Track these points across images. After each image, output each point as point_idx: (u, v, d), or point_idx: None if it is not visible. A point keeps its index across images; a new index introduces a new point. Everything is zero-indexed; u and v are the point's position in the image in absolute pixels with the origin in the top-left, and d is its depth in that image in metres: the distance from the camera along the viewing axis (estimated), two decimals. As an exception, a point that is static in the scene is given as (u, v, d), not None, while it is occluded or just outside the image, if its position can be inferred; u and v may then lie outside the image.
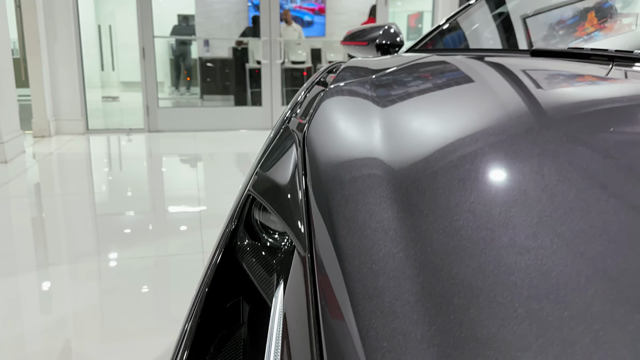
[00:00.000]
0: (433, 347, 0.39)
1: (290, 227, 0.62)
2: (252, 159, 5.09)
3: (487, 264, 0.45)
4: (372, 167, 0.66)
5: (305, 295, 0.52)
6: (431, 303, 0.42)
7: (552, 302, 0.41)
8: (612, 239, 0.46)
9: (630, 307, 0.38)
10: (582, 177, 0.57)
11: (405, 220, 0.53)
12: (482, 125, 0.70)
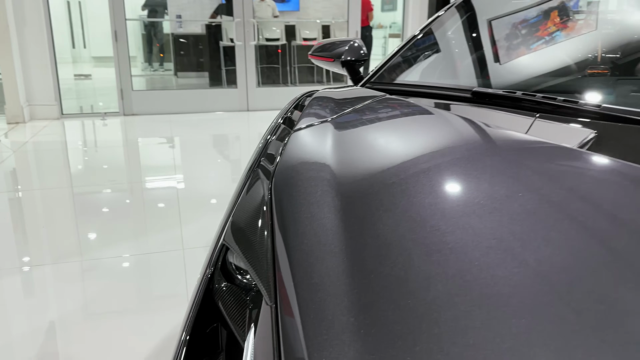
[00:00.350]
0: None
1: (259, 279, 0.75)
2: (230, 142, 5.17)
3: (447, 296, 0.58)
4: (329, 218, 0.78)
5: (271, 342, 0.65)
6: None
7: (473, 300, 0.55)
8: (532, 240, 0.61)
9: (549, 301, 0.53)
10: (499, 185, 0.72)
11: (363, 271, 0.66)
12: (420, 172, 0.83)
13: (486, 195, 0.73)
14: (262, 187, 0.92)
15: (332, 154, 0.93)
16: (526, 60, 1.47)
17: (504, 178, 0.78)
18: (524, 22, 1.67)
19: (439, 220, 0.71)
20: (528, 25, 1.85)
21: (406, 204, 0.76)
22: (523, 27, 1.79)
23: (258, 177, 0.97)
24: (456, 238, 0.66)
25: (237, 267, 0.85)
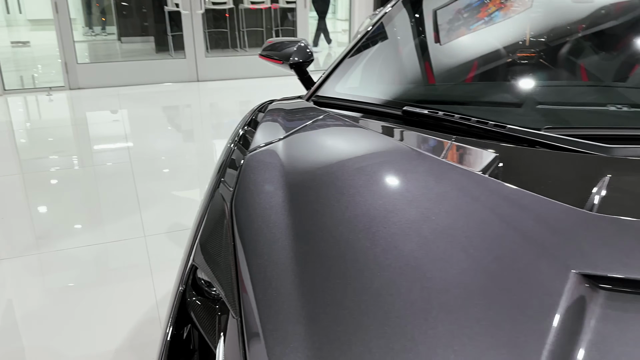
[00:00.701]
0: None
1: (225, 294, 0.90)
2: (181, 115, 5.17)
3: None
4: (284, 238, 0.94)
5: (238, 350, 0.81)
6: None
7: (412, 290, 0.74)
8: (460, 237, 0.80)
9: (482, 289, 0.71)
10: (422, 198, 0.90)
11: (317, 282, 0.82)
12: (358, 188, 0.99)
13: (413, 208, 0.91)
14: (224, 210, 1.06)
15: (283, 177, 1.08)
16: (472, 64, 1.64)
17: (424, 191, 0.95)
18: (473, 21, 1.83)
19: (379, 231, 0.88)
20: (480, 25, 2.00)
21: (351, 220, 0.92)
22: (472, 27, 1.95)
23: (219, 201, 1.10)
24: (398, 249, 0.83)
25: (206, 282, 1.00)
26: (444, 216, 0.89)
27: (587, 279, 0.74)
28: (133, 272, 2.21)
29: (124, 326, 1.84)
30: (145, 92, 5.72)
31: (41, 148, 4.01)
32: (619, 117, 1.28)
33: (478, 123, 1.18)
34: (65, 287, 2.10)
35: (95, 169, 3.57)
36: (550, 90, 1.46)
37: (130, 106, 5.22)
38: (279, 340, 0.76)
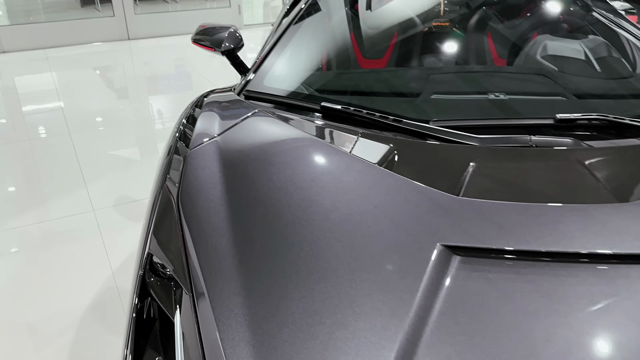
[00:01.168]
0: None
1: (177, 277, 1.13)
2: (115, 77, 5.13)
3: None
4: (224, 226, 1.16)
5: (192, 318, 1.05)
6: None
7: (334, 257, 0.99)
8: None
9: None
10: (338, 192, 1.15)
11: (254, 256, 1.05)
12: (285, 182, 1.22)
13: (325, 197, 1.15)
14: (171, 204, 1.27)
15: (220, 172, 1.29)
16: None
17: (334, 182, 1.20)
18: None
19: (302, 216, 1.12)
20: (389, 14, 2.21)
21: (279, 207, 1.16)
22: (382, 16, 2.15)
23: (166, 196, 1.30)
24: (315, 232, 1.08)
25: (161, 266, 1.21)
26: (347, 203, 1.15)
27: (448, 249, 1.02)
28: (86, 245, 2.37)
29: (86, 297, 2.04)
30: (75, 53, 5.58)
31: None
32: (504, 105, 1.55)
33: (381, 118, 1.42)
34: (20, 263, 2.25)
35: (32, 143, 3.59)
36: (443, 81, 1.72)
37: (61, 70, 5.11)
38: (225, 309, 1.00)
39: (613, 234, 1.04)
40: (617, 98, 1.62)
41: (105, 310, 1.98)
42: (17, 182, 3.00)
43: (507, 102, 1.56)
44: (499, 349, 0.86)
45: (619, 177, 1.21)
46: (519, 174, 1.24)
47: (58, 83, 4.82)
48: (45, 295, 2.06)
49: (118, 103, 4.48)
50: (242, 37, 2.07)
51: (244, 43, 2.11)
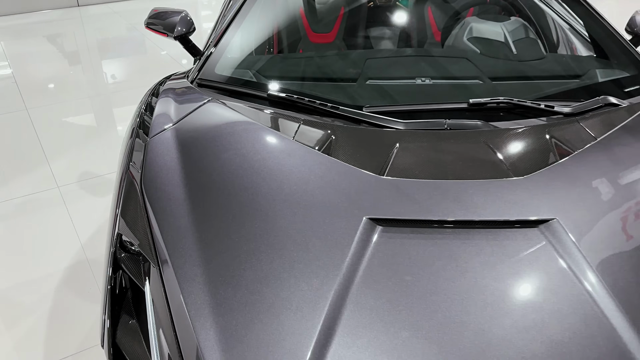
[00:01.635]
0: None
1: (145, 252, 1.32)
2: (68, 47, 5.08)
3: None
4: (183, 206, 1.35)
5: (160, 287, 1.24)
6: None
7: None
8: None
9: None
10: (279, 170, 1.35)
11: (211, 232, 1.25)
12: (233, 168, 1.41)
13: (272, 179, 1.34)
14: (135, 188, 1.43)
15: (178, 159, 1.46)
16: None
17: (278, 165, 1.39)
18: None
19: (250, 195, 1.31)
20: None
21: (230, 187, 1.35)
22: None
23: (130, 181, 1.47)
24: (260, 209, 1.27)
25: (130, 243, 1.39)
26: (289, 184, 1.35)
27: (373, 221, 1.23)
28: (53, 221, 2.51)
29: (58, 270, 2.20)
30: (23, 22, 5.46)
31: None
32: (428, 90, 1.76)
33: (321, 105, 1.61)
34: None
35: None
36: (378, 67, 1.91)
37: (10, 41, 5.02)
38: (187, 278, 1.20)
39: (507, 204, 1.28)
40: (528, 79, 1.85)
41: (78, 280, 2.15)
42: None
43: (431, 87, 1.77)
44: (413, 299, 1.09)
45: (517, 155, 1.45)
46: (434, 155, 1.46)
47: (8, 54, 4.75)
48: (20, 270, 2.21)
49: (73, 73, 4.48)
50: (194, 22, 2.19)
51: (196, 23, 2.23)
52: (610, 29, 1.94)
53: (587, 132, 1.50)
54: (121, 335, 1.30)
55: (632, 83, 1.77)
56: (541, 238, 1.21)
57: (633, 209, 1.29)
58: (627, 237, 1.23)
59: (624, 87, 1.75)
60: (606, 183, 1.35)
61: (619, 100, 1.65)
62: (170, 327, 1.16)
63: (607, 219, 1.26)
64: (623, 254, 1.20)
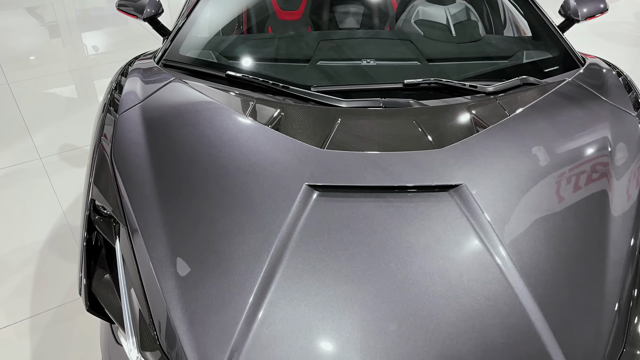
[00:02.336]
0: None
1: (115, 215, 1.53)
2: (45, 18, 5.17)
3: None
4: (150, 175, 1.55)
5: (128, 245, 1.46)
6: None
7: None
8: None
9: None
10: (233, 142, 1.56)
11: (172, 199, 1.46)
12: (208, 141, 1.61)
13: (227, 151, 1.55)
14: (106, 159, 1.63)
15: (144, 133, 1.66)
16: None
17: (233, 139, 1.60)
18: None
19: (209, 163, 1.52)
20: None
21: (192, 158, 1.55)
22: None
23: (102, 152, 1.66)
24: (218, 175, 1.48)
25: (102, 207, 1.60)
26: (240, 156, 1.55)
27: (311, 187, 1.45)
28: (37, 190, 2.70)
29: (41, 234, 2.40)
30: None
31: None
32: (371, 71, 1.95)
33: (273, 85, 1.80)
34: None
35: None
36: (329, 48, 2.09)
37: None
38: (152, 236, 1.41)
39: (426, 172, 1.50)
40: (462, 61, 2.05)
41: (60, 243, 2.36)
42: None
43: (374, 68, 1.96)
44: (340, 251, 1.32)
45: (439, 129, 1.66)
46: (369, 130, 1.67)
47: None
48: (5, 235, 2.41)
49: (53, 45, 4.58)
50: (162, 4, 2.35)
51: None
52: (540, 14, 2.13)
53: (503, 109, 1.72)
54: (96, 285, 1.51)
55: (552, 64, 1.98)
56: (450, 200, 1.44)
57: (532, 178, 1.52)
58: (525, 202, 1.47)
59: (545, 68, 1.96)
60: (512, 155, 1.57)
61: (537, 80, 1.86)
62: (137, 278, 1.38)
63: (508, 185, 1.49)
64: (520, 215, 1.43)
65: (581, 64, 1.98)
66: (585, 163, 1.57)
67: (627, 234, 1.43)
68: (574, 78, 1.87)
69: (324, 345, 1.23)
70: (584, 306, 1.31)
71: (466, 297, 1.27)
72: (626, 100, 1.77)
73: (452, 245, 1.36)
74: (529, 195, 1.47)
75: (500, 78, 1.89)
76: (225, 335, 1.25)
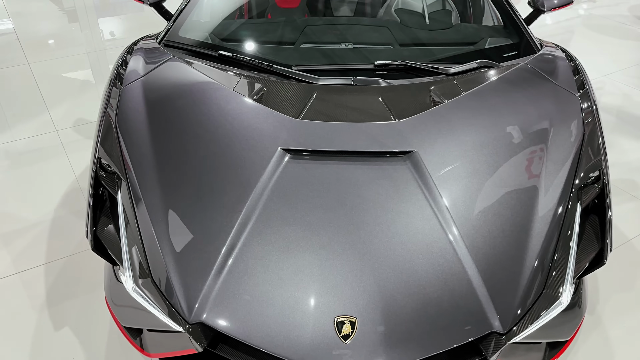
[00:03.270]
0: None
1: (118, 171, 1.79)
2: (67, 11, 5.46)
3: None
4: (147, 137, 1.81)
5: (129, 197, 1.72)
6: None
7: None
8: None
9: None
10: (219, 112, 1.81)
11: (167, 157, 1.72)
12: (203, 116, 1.86)
13: (216, 118, 1.80)
14: (111, 124, 1.89)
15: (143, 103, 1.92)
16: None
17: (221, 108, 1.85)
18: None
19: (200, 130, 1.77)
20: None
21: (185, 128, 1.80)
22: None
23: (107, 118, 1.92)
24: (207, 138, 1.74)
25: (107, 165, 1.86)
26: (226, 124, 1.80)
27: (285, 150, 1.70)
28: (53, 158, 2.98)
29: (56, 195, 2.68)
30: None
31: None
32: (348, 53, 2.18)
33: (259, 64, 2.05)
34: (10, 177, 2.86)
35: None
36: (313, 32, 2.33)
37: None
38: (148, 189, 1.67)
39: (386, 139, 1.74)
40: (431, 46, 2.28)
41: (73, 203, 2.64)
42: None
43: (351, 51, 2.20)
44: (307, 204, 1.57)
45: (401, 104, 1.89)
46: (340, 104, 1.90)
47: (10, 12, 5.13)
48: (24, 196, 2.70)
49: (71, 29, 4.87)
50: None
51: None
52: (506, 5, 2.35)
53: (459, 88, 1.94)
54: (100, 230, 1.78)
55: (512, 50, 2.20)
56: (403, 164, 1.68)
57: (476, 147, 1.75)
58: (467, 166, 1.70)
59: (504, 53, 2.18)
60: (460, 127, 1.80)
61: (493, 63, 2.08)
62: (135, 223, 1.65)
63: (454, 152, 1.72)
64: (461, 177, 1.66)
65: (538, 50, 2.20)
66: (525, 135, 1.79)
67: (555, 197, 1.65)
68: (527, 62, 2.09)
69: (286, 278, 1.48)
70: (510, 254, 1.54)
71: (409, 243, 1.52)
72: (571, 82, 1.99)
73: (401, 201, 1.60)
74: (471, 161, 1.70)
75: (463, 62, 2.11)
76: (206, 267, 1.51)
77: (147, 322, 1.56)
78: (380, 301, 1.44)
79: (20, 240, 2.40)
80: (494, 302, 1.46)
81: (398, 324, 1.42)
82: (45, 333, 1.97)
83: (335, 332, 1.40)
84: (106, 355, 1.90)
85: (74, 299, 2.10)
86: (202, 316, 1.45)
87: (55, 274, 2.21)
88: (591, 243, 1.65)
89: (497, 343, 1.45)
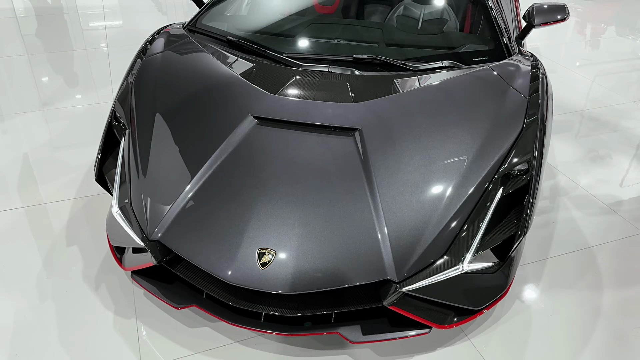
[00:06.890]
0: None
1: (127, 122, 2.23)
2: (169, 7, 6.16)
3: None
4: (152, 98, 2.24)
5: (129, 141, 2.15)
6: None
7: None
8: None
9: None
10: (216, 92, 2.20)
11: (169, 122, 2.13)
12: (202, 93, 2.26)
13: (211, 92, 2.20)
14: (129, 86, 2.34)
15: (156, 72, 2.35)
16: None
17: (219, 83, 2.24)
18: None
19: (199, 104, 2.17)
20: None
21: (183, 95, 2.22)
22: None
23: (127, 82, 2.38)
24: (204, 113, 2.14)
25: (119, 117, 2.31)
26: (215, 94, 2.19)
27: (255, 117, 2.05)
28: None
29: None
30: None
31: (41, 31, 5.12)
32: (336, 47, 2.50)
33: (255, 49, 2.42)
34: (65, 125, 3.43)
35: (83, 52, 4.74)
36: (315, 30, 2.65)
37: (107, -8, 6.19)
38: (143, 137, 2.09)
39: (340, 117, 2.05)
40: (412, 47, 2.53)
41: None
42: (72, 80, 4.17)
43: (341, 45, 2.51)
44: (265, 160, 1.92)
45: (362, 91, 2.19)
46: (312, 86, 2.23)
47: (106, 6, 5.91)
48: (76, 144, 3.24)
49: (161, 20, 5.54)
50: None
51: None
52: (493, 18, 2.55)
53: (418, 82, 2.20)
54: (106, 167, 2.23)
55: (484, 55, 2.41)
56: (349, 138, 1.98)
57: (414, 129, 2.01)
58: (403, 145, 1.96)
59: (475, 57, 2.39)
60: (408, 112, 2.07)
61: (457, 64, 2.31)
62: (128, 161, 2.07)
63: (395, 133, 1.99)
64: (395, 154, 1.94)
65: (509, 56, 2.39)
66: (464, 124, 2.02)
67: (476, 180, 1.87)
68: (491, 66, 2.30)
69: (230, 214, 1.82)
70: (420, 221, 1.80)
71: (334, 199, 1.82)
72: (525, 86, 2.18)
73: (337, 167, 1.91)
74: (407, 141, 1.97)
75: (431, 61, 2.36)
76: (170, 198, 1.89)
77: (125, 241, 1.95)
78: (299, 241, 1.74)
79: (62, 177, 2.93)
80: (394, 257, 1.72)
81: (309, 261, 1.71)
82: (58, 247, 2.42)
83: (256, 259, 1.72)
84: (100, 267, 2.32)
85: (87, 228, 2.56)
86: (159, 235, 1.82)
87: (77, 209, 2.69)
88: (512, 225, 1.85)
89: (392, 290, 1.71)
